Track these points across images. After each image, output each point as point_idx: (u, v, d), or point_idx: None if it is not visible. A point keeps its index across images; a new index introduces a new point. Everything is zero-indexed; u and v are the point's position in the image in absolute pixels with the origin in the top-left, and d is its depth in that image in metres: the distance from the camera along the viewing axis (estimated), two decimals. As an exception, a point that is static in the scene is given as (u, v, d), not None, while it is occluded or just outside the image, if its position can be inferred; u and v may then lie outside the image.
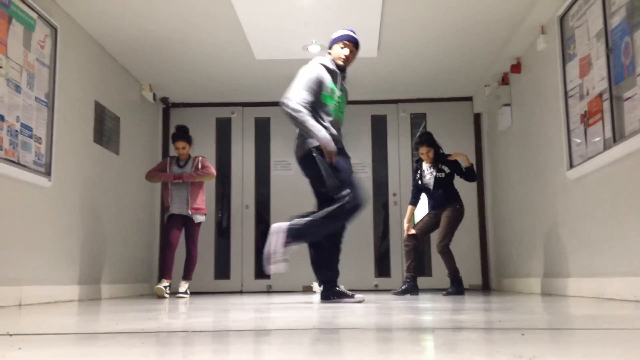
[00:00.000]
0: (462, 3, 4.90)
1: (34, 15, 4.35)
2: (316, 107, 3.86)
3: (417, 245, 5.48)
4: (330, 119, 3.89)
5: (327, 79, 3.91)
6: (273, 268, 3.67)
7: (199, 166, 5.68)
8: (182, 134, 5.73)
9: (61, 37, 4.71)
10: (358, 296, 3.90)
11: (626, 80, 3.58)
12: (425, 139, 5.46)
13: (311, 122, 3.76)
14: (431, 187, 5.39)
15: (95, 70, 5.50)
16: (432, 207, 5.47)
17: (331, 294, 3.92)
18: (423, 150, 5.44)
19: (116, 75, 6.06)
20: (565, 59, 4.60)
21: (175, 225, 5.61)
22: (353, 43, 4.01)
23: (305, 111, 3.78)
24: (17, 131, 4.09)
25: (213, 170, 5.73)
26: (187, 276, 5.71)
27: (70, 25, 5.00)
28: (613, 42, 3.76)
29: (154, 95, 6.93)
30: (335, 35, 4.06)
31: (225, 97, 7.33)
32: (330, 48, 4.06)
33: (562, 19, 4.64)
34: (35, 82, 4.36)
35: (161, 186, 6.06)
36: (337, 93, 3.95)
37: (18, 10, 4.15)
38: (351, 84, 6.82)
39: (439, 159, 5.45)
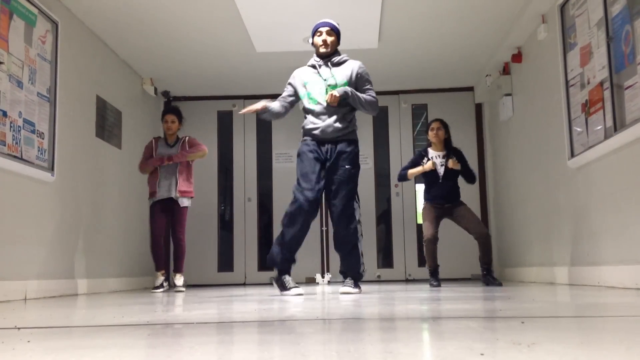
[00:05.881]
0: (462, -7, 4.89)
1: (35, 10, 4.35)
2: (303, 106, 4.16)
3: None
4: (312, 108, 4.06)
5: (300, 79, 4.13)
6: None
7: (187, 146, 5.47)
8: (172, 108, 5.60)
9: (62, 32, 4.72)
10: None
11: (627, 69, 3.59)
12: (441, 119, 5.31)
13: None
14: (441, 175, 5.08)
15: (96, 65, 5.51)
16: (438, 196, 5.11)
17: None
18: (435, 125, 5.18)
19: (117, 70, 6.07)
20: (566, 48, 4.59)
21: (158, 215, 5.39)
22: (328, 27, 4.11)
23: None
24: (19, 127, 4.11)
25: (204, 147, 5.50)
26: (179, 269, 5.44)
27: (71, 20, 5.00)
28: (613, 30, 3.75)
29: (155, 89, 6.93)
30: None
31: (226, 90, 7.34)
32: (312, 43, 4.20)
33: (563, 8, 4.63)
34: (37, 77, 4.38)
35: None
36: (317, 84, 4.08)
37: (19, 5, 4.16)
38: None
39: (450, 149, 5.20)
